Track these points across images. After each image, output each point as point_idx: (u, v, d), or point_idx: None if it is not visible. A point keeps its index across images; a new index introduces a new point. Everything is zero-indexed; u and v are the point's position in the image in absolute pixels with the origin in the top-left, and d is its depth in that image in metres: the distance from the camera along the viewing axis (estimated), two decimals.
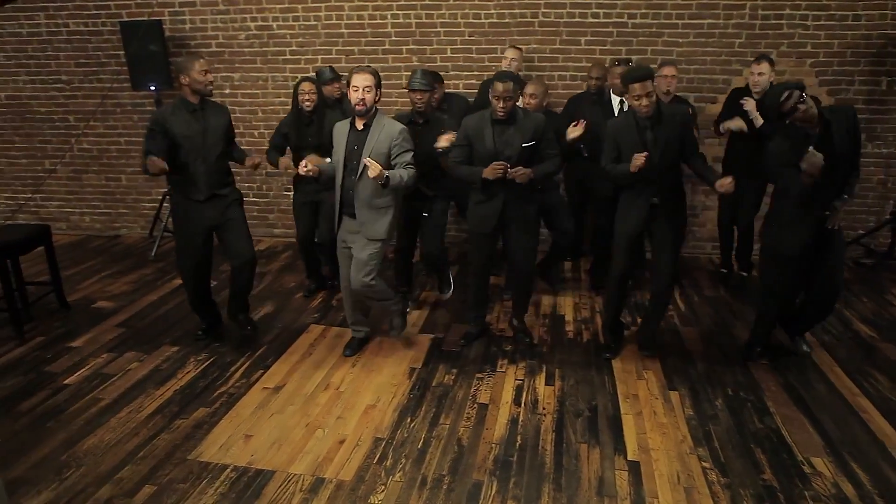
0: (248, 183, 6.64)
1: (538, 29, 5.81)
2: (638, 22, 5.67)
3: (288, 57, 6.22)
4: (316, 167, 3.80)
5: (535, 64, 5.90)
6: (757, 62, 4.68)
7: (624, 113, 3.83)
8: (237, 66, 6.32)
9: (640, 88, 3.52)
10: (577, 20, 5.74)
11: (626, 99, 3.82)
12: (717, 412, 3.56)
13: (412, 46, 6.02)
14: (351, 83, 3.68)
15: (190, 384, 3.89)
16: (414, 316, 4.81)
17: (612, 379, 3.92)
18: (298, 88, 4.55)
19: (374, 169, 3.52)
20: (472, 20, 5.87)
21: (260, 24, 6.16)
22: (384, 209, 3.83)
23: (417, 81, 4.25)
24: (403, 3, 5.90)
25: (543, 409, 3.61)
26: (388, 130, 3.75)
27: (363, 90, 3.65)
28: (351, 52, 6.10)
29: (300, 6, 6.04)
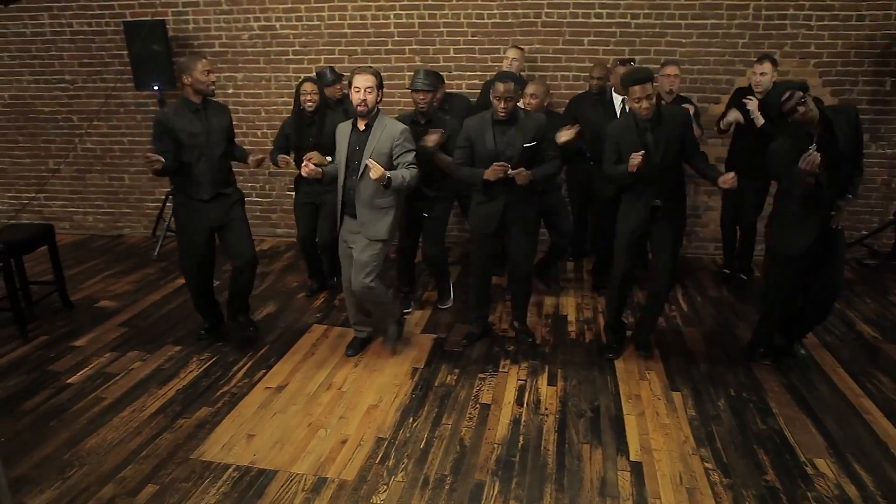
0: (250, 183, 6.65)
1: (541, 29, 5.81)
2: (641, 22, 5.66)
3: (291, 57, 6.23)
4: (318, 169, 3.80)
5: (537, 64, 5.89)
6: (759, 62, 4.68)
7: (624, 115, 3.82)
8: (240, 65, 6.33)
9: (640, 91, 3.52)
10: (580, 20, 5.73)
11: (626, 101, 3.81)
12: (719, 413, 3.56)
13: (415, 46, 6.02)
14: (352, 84, 3.68)
15: (192, 383, 3.90)
16: (416, 316, 4.82)
17: (614, 379, 3.92)
18: (300, 89, 4.56)
19: (375, 171, 3.53)
20: (475, 20, 5.87)
21: (263, 24, 6.16)
22: (385, 209, 3.83)
23: (420, 82, 4.24)
24: (406, 3, 5.90)
25: (546, 409, 3.61)
26: (389, 131, 3.75)
27: (364, 91, 3.65)
28: (354, 51, 6.10)
29: (303, 6, 6.04)
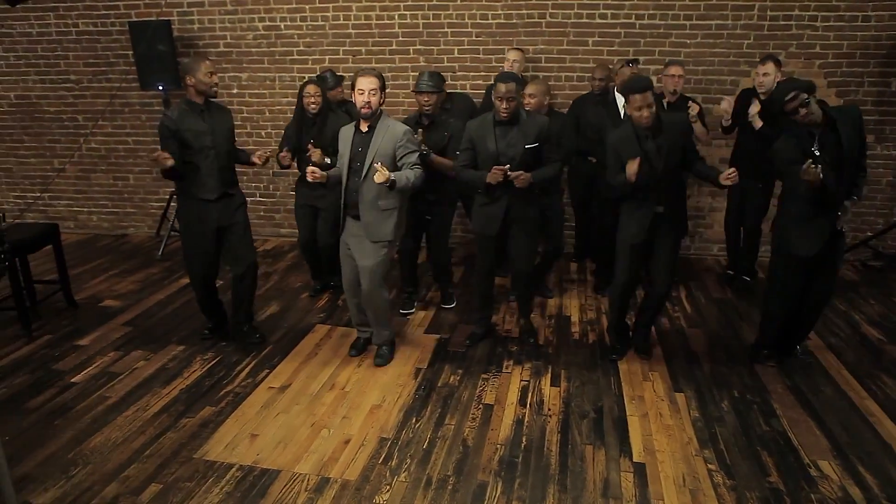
0: (254, 183, 6.66)
1: (545, 30, 5.81)
2: (646, 23, 5.66)
3: (295, 57, 6.23)
4: (323, 173, 3.80)
5: (542, 65, 5.89)
6: (762, 63, 4.66)
7: (623, 124, 3.82)
8: (245, 66, 6.34)
9: (640, 100, 3.51)
10: (584, 21, 5.73)
11: (626, 109, 3.81)
12: (723, 414, 3.55)
13: (419, 47, 6.02)
14: (356, 86, 3.66)
15: (196, 383, 3.91)
16: (419, 316, 4.82)
17: (617, 380, 3.91)
18: (303, 91, 4.55)
19: (380, 174, 3.52)
20: (479, 21, 5.87)
21: (268, 24, 6.17)
22: (389, 211, 3.82)
23: (425, 83, 4.24)
24: (411, 3, 5.91)
25: (549, 410, 3.60)
26: (392, 132, 3.74)
27: (368, 93, 3.64)
28: (358, 52, 6.11)
29: (308, 6, 6.05)
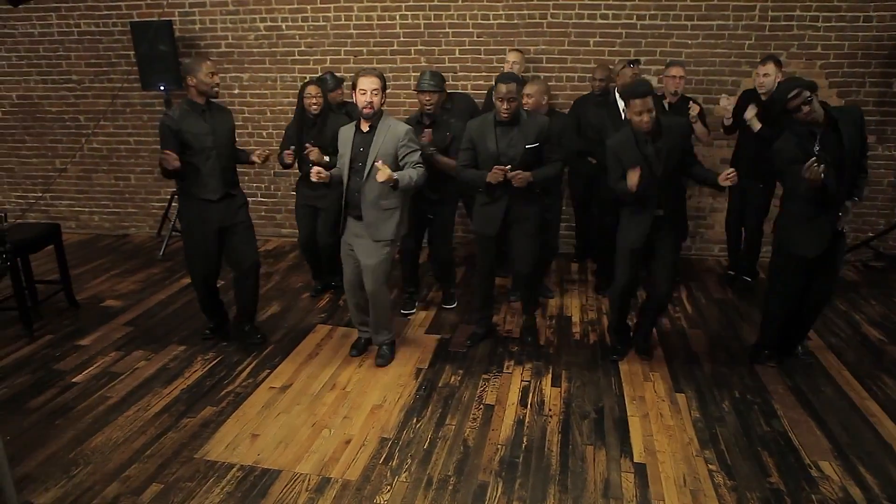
0: (255, 183, 6.67)
1: (546, 30, 5.81)
2: (647, 23, 5.66)
3: (297, 57, 6.24)
4: (327, 173, 3.80)
5: (543, 65, 5.89)
6: (763, 63, 4.65)
7: (623, 128, 3.83)
8: (246, 66, 6.35)
9: (641, 105, 3.51)
10: (585, 21, 5.73)
11: (625, 114, 3.81)
12: (723, 415, 3.55)
13: (420, 47, 6.02)
14: (358, 86, 3.66)
15: (197, 383, 3.91)
16: (420, 316, 4.82)
17: (618, 381, 3.91)
18: (304, 91, 4.55)
19: (382, 173, 3.53)
20: (480, 21, 5.87)
21: (269, 24, 6.18)
22: (391, 210, 3.82)
23: (426, 83, 4.25)
24: (412, 3, 5.91)
25: (549, 410, 3.60)
26: (393, 131, 3.75)
27: (371, 93, 3.65)
28: (360, 52, 6.11)
29: (309, 7, 6.06)
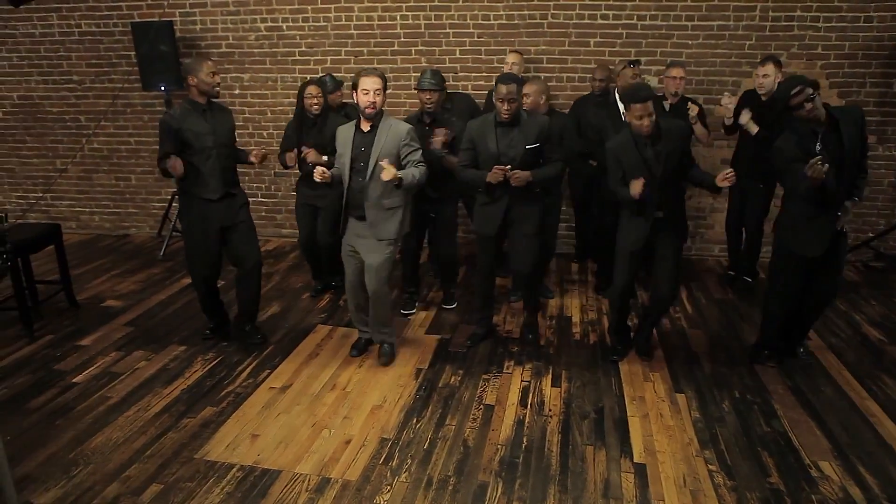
0: (256, 183, 6.67)
1: (547, 30, 5.81)
2: (647, 24, 5.66)
3: (297, 58, 6.24)
4: (329, 173, 3.80)
5: (543, 65, 5.89)
6: (762, 64, 4.65)
7: (622, 131, 3.83)
8: (247, 66, 6.35)
9: (641, 109, 3.52)
10: (586, 21, 5.73)
11: (626, 117, 3.82)
12: (723, 415, 3.55)
13: (421, 48, 6.03)
14: (360, 86, 3.66)
15: (197, 383, 3.91)
16: (421, 317, 4.82)
17: (618, 381, 3.91)
18: (305, 92, 4.55)
19: (388, 172, 3.53)
20: (481, 21, 5.87)
21: (270, 25, 6.18)
22: (393, 210, 3.83)
23: (427, 81, 4.26)
24: (413, 4, 5.91)
25: (549, 410, 3.60)
26: (395, 131, 3.75)
27: (374, 93, 3.65)
28: (360, 52, 6.11)
29: (310, 7, 6.06)
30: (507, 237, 4.11)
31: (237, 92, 6.41)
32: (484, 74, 5.96)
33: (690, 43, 5.65)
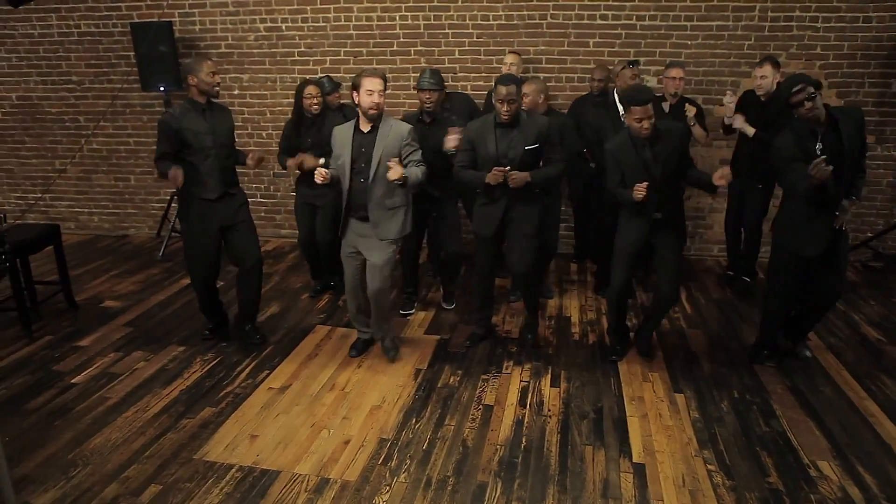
0: (255, 184, 6.67)
1: (546, 31, 5.81)
2: (646, 24, 5.66)
3: (296, 58, 6.24)
4: (328, 172, 3.80)
5: (542, 66, 5.89)
6: (760, 65, 4.64)
7: (621, 132, 3.84)
8: (246, 67, 6.35)
9: (641, 112, 3.52)
10: (585, 22, 5.73)
11: (625, 119, 3.82)
12: (722, 415, 3.55)
13: (420, 48, 6.03)
14: (363, 87, 3.65)
15: (196, 384, 3.91)
16: (420, 317, 4.82)
17: (617, 381, 3.91)
18: (304, 92, 4.55)
19: (395, 171, 3.54)
20: (480, 22, 5.87)
21: (269, 25, 6.18)
22: (396, 209, 3.83)
23: (427, 81, 4.26)
24: (412, 4, 5.91)
25: (549, 410, 3.60)
26: (396, 131, 3.75)
27: (377, 94, 3.64)
28: (359, 53, 6.11)
29: (309, 8, 6.06)
30: (506, 237, 4.11)
31: (236, 92, 6.42)
32: (483, 75, 5.97)
33: (689, 43, 5.66)
